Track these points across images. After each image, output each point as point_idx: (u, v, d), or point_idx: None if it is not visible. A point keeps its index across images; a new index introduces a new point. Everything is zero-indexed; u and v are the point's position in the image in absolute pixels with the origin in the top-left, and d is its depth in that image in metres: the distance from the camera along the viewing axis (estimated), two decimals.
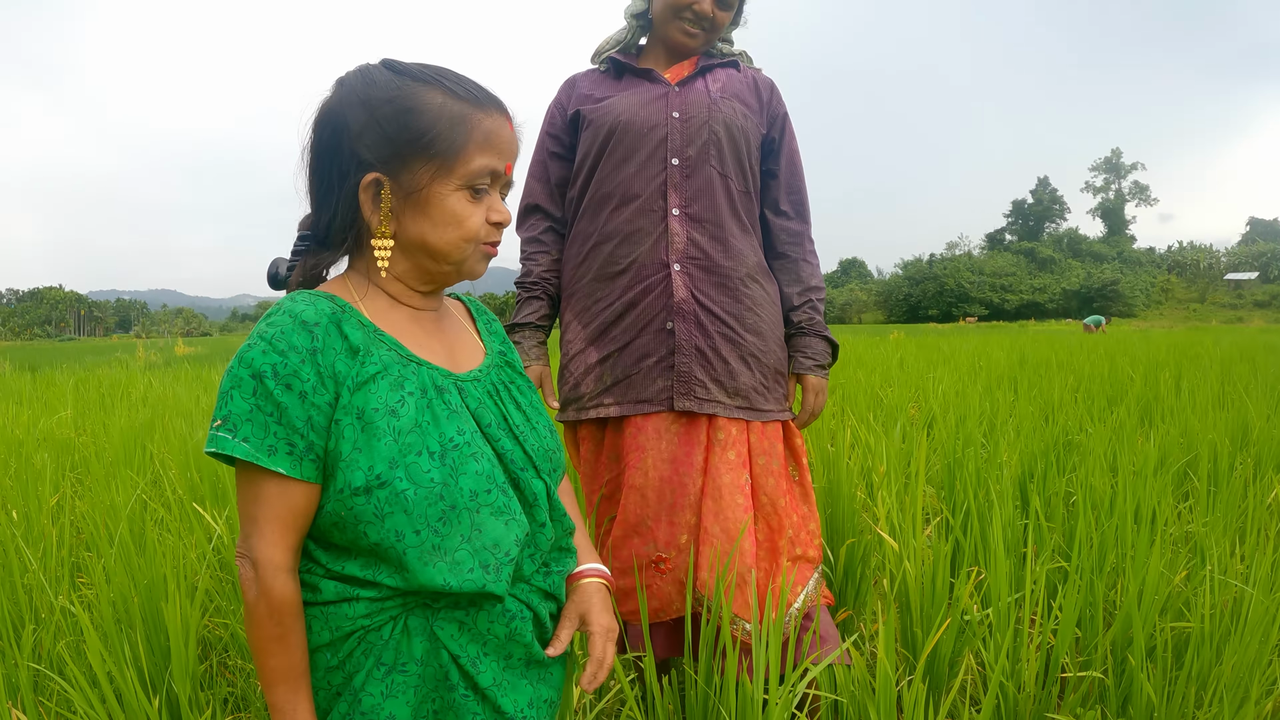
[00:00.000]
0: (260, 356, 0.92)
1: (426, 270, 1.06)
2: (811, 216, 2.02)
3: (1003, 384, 6.61)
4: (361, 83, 1.01)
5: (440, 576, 0.96)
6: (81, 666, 1.61)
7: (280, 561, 0.94)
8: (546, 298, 1.97)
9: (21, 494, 2.84)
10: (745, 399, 1.79)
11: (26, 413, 5.49)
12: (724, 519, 1.72)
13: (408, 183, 1.00)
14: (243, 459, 0.91)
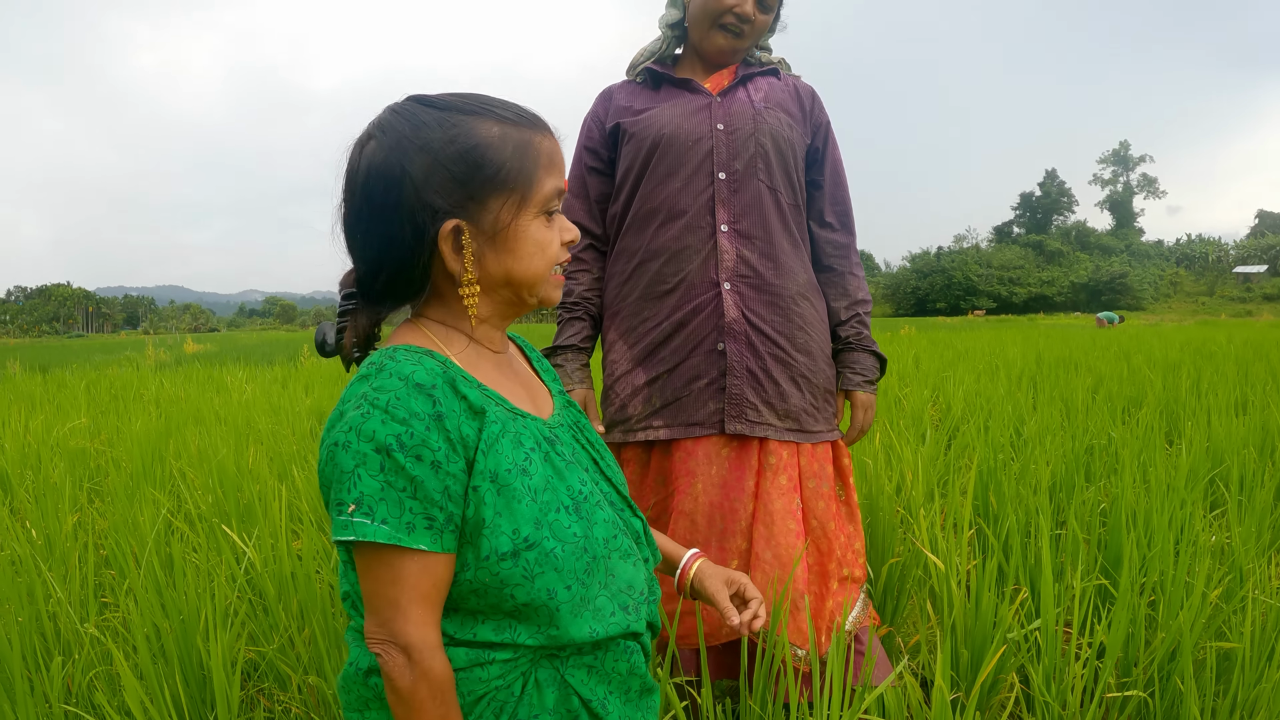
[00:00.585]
0: (381, 427, 0.86)
1: (510, 305, 1.03)
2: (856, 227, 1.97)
3: (1022, 384, 6.56)
4: (410, 126, 0.95)
5: (587, 626, 0.96)
6: (115, 702, 1.57)
7: (434, 640, 0.90)
8: (589, 318, 1.91)
9: (40, 512, 2.80)
10: (795, 420, 1.75)
11: (40, 417, 5.45)
12: (776, 545, 1.68)
13: (488, 222, 0.96)
14: (385, 543, 0.86)
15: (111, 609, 2.27)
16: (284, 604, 2.00)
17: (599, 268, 1.93)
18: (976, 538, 2.69)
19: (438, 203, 0.93)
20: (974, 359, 9.29)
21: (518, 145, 0.96)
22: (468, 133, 0.94)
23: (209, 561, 2.38)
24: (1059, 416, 4.77)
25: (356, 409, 0.88)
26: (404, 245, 0.94)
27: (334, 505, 0.88)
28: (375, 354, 0.94)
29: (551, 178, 0.99)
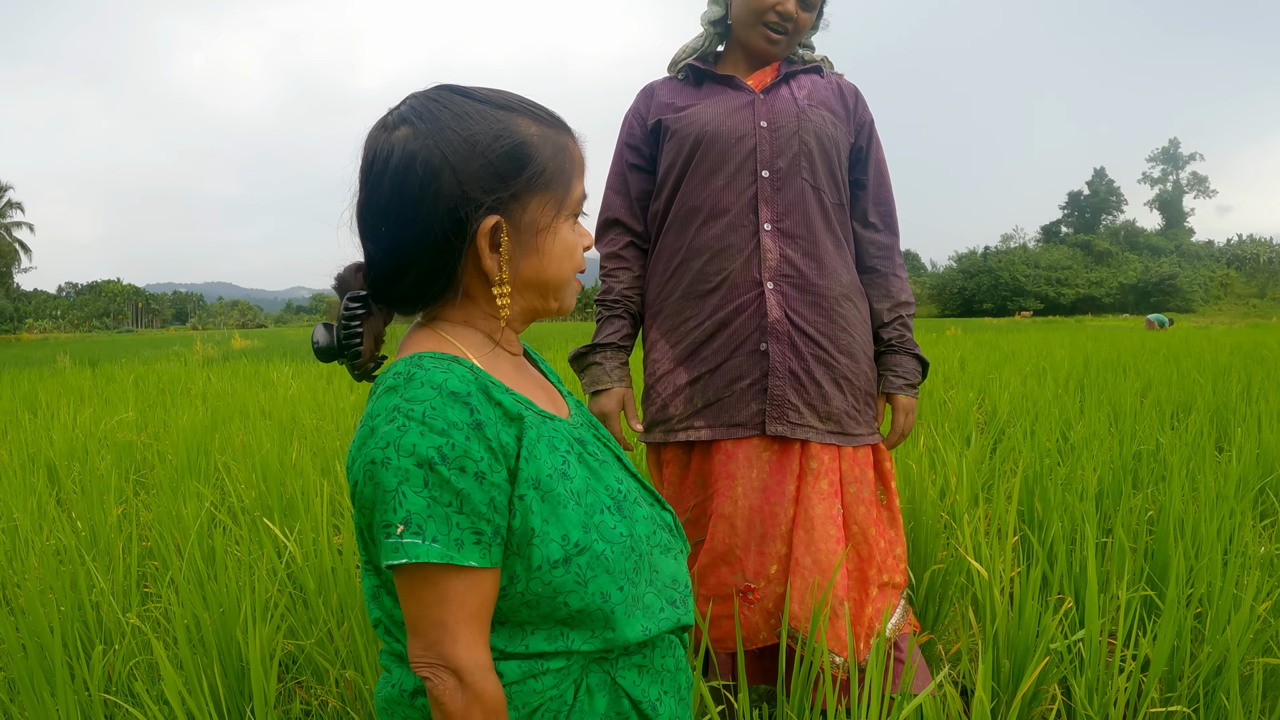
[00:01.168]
0: (420, 440, 0.82)
1: (534, 310, 1.00)
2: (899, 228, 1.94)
3: (1069, 386, 6.45)
4: (452, 116, 0.90)
5: (639, 625, 0.95)
6: (154, 692, 1.59)
7: (485, 661, 0.86)
8: (629, 316, 1.89)
9: (86, 503, 2.85)
10: (837, 423, 1.72)
11: (88, 411, 5.57)
12: (816, 550, 1.66)
13: (525, 222, 0.92)
14: (436, 562, 0.82)
15: (154, 599, 2.31)
16: (324, 598, 2.01)
17: (640, 266, 1.91)
18: (1021, 545, 2.64)
19: (482, 197, 0.89)
20: (1020, 361, 9.15)
21: (556, 147, 0.94)
22: (512, 129, 0.91)
23: (250, 555, 2.42)
24: (1106, 421, 4.68)
25: (390, 423, 0.84)
26: (439, 239, 0.89)
27: (380, 528, 0.84)
28: (399, 363, 0.90)
29: (581, 182, 0.98)
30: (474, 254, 0.91)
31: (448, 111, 0.90)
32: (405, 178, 0.88)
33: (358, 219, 0.94)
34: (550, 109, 0.97)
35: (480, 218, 0.89)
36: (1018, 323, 42.98)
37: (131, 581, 2.27)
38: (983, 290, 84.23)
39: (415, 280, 0.92)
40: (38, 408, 6.36)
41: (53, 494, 3.36)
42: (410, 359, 0.89)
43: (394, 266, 0.92)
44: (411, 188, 0.88)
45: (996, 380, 6.64)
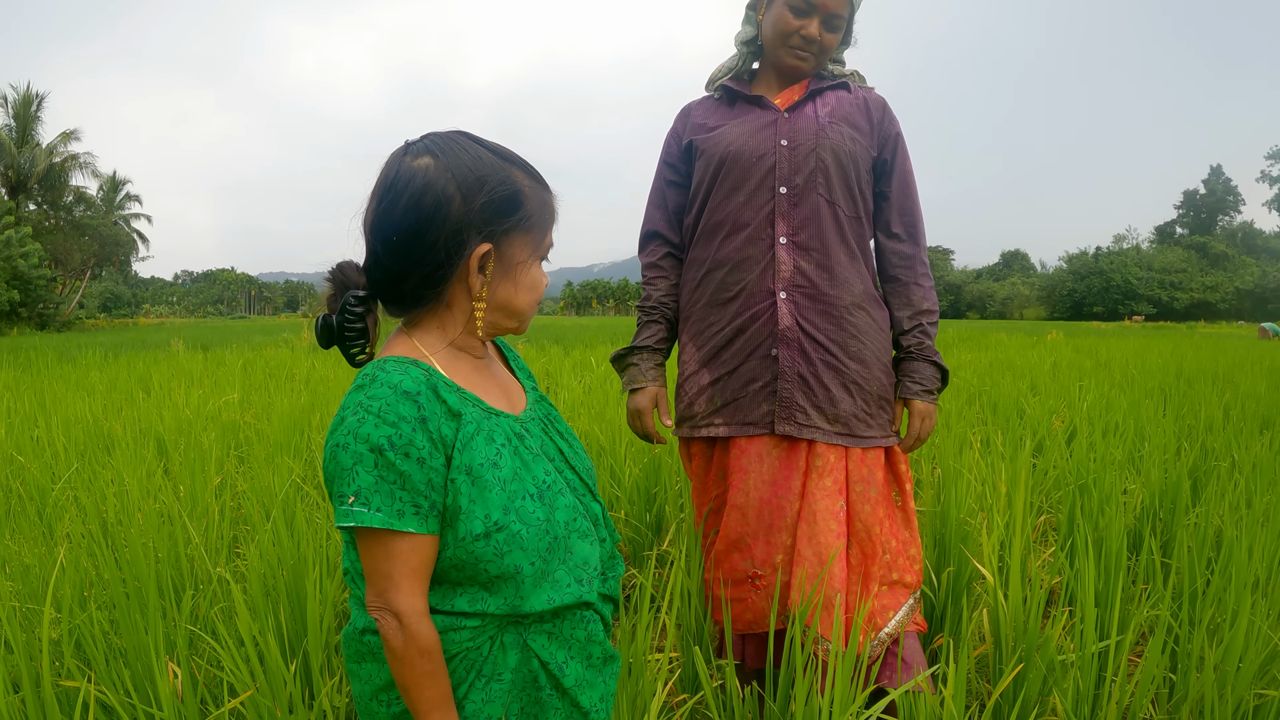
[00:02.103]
0: (374, 430, 1.03)
1: (500, 326, 1.21)
2: (925, 237, 2.01)
3: (1153, 396, 6.29)
4: (470, 157, 1.11)
5: (545, 595, 1.13)
6: (231, 630, 1.83)
7: (421, 608, 1.07)
8: (665, 321, 2.05)
9: (189, 472, 3.16)
10: (845, 425, 1.83)
11: (198, 393, 6.00)
12: (816, 543, 1.78)
13: (508, 254, 1.14)
14: (379, 527, 1.04)
15: (240, 558, 2.57)
16: None
17: (676, 274, 2.06)
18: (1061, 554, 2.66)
19: (480, 226, 1.10)
20: (1114, 369, 8.91)
21: (541, 200, 1.17)
22: (512, 178, 1.14)
23: (328, 522, 2.66)
24: (1186, 433, 4.60)
25: (354, 415, 1.05)
26: (440, 255, 1.09)
27: (336, 497, 1.05)
28: (370, 365, 1.11)
29: (551, 232, 1.20)
30: (464, 272, 1.13)
31: (466, 153, 1.12)
32: (423, 198, 1.08)
33: (371, 226, 1.13)
34: (533, 167, 1.20)
35: (476, 243, 1.11)
36: (1126, 328, 41.20)
37: (224, 540, 2.55)
38: (1093, 293, 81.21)
39: (413, 286, 1.13)
40: (151, 388, 6.85)
41: (161, 465, 3.69)
42: (378, 362, 1.11)
43: (398, 271, 1.12)
44: (426, 207, 1.08)
45: (1084, 388, 6.50)
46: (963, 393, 6.23)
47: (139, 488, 3.00)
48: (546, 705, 1.18)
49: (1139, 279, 78.98)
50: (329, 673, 1.86)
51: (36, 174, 42.80)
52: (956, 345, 13.11)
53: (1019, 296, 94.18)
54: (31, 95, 44.58)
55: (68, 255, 43.79)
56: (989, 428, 4.78)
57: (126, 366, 9.29)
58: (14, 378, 8.26)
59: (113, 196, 51.13)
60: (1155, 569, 2.31)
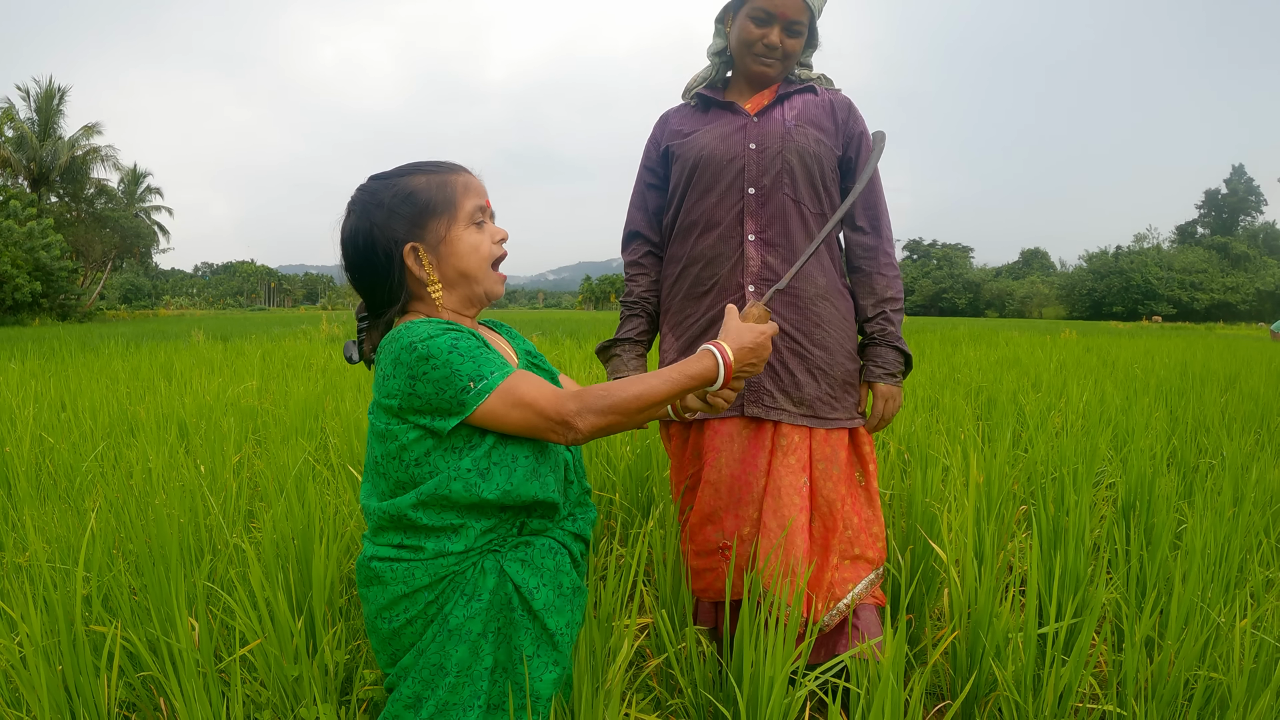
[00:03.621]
0: (438, 341, 1.32)
1: (467, 297, 1.49)
2: (891, 231, 2.13)
3: (1150, 393, 6.35)
4: (368, 195, 1.45)
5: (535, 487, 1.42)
6: (245, 589, 1.99)
7: (568, 397, 1.33)
8: (646, 315, 2.22)
9: (209, 452, 3.33)
10: (810, 408, 1.98)
11: (218, 381, 6.19)
12: (780, 516, 1.92)
13: (433, 238, 1.44)
14: (503, 381, 1.32)
15: (256, 529, 2.74)
16: None
17: (656, 271, 2.22)
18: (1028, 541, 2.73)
19: (397, 235, 1.42)
20: (1119, 368, 8.93)
21: (439, 184, 1.45)
22: (405, 185, 1.44)
23: (338, 497, 2.83)
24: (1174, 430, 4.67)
25: (410, 350, 1.32)
26: (383, 270, 1.44)
27: (458, 395, 1.30)
28: (391, 331, 1.39)
29: (470, 199, 1.46)
30: (408, 271, 1.44)
31: (367, 193, 1.46)
32: (355, 243, 1.46)
33: (347, 275, 1.50)
34: (442, 161, 1.49)
35: (400, 248, 1.42)
36: (1144, 328, 40.82)
37: (240, 512, 2.72)
38: (1113, 292, 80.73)
39: (383, 297, 1.48)
40: (173, 376, 7.05)
41: (183, 445, 3.88)
42: (401, 324, 1.38)
43: (369, 294, 1.50)
44: (360, 248, 1.45)
45: (1085, 386, 6.54)
46: (963, 387, 6.33)
47: (162, 465, 3.18)
48: (518, 624, 1.41)
49: (1159, 279, 78.47)
50: (330, 625, 2.02)
51: (59, 167, 43.32)
52: (966, 343, 13.09)
53: (1038, 295, 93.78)
54: (54, 89, 45.10)
55: (89, 247, 44.30)
56: (981, 421, 4.89)
57: (149, 356, 9.52)
58: (39, 366, 8.48)
59: (134, 189, 51.65)
60: (1120, 556, 2.41)
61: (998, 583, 2.02)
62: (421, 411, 1.34)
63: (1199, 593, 2.08)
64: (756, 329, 1.52)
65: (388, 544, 1.40)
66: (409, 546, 1.38)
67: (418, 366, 1.31)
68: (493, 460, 1.37)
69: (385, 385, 1.35)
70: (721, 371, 1.43)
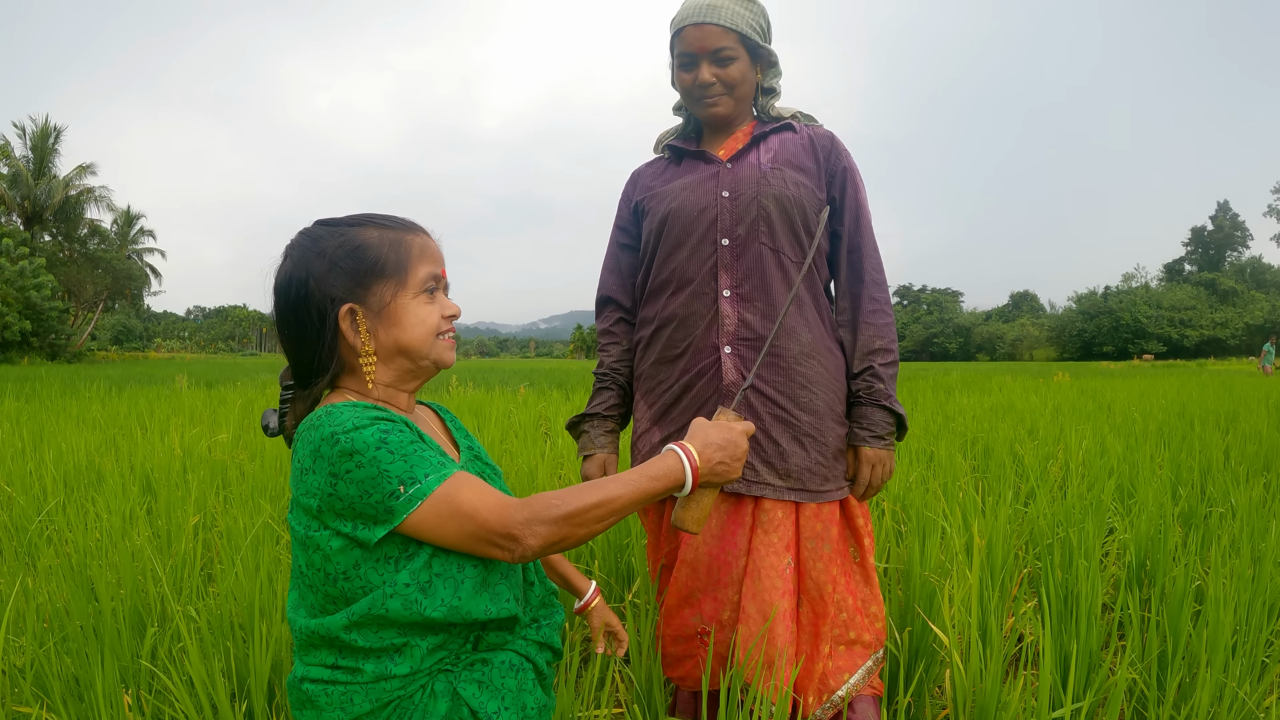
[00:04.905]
0: (366, 433, 1.11)
1: (407, 370, 1.27)
2: (881, 273, 1.92)
3: (1150, 438, 6.19)
4: (310, 240, 1.24)
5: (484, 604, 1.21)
6: (183, 672, 1.82)
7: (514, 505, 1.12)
8: (616, 388, 2.02)
9: (171, 510, 3.15)
10: (798, 480, 1.77)
11: (194, 431, 6.00)
12: (761, 601, 1.73)
13: (375, 303, 1.22)
14: (439, 486, 1.11)
15: (211, 596, 2.57)
16: None
17: (628, 340, 2.04)
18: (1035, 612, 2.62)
19: (335, 292, 1.21)
20: (1115, 411, 8.75)
21: (393, 242, 1.24)
22: (354, 238, 1.23)
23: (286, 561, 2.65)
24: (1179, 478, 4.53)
25: (333, 444, 1.11)
26: (314, 330, 1.22)
27: (385, 500, 1.10)
28: (313, 413, 1.18)
29: (424, 265, 1.26)
30: (343, 336, 1.22)
31: (309, 239, 1.25)
32: (286, 293, 1.24)
33: (277, 330, 1.27)
34: (400, 217, 1.29)
35: (336, 308, 1.20)
36: (1136, 367, 40.92)
37: (193, 579, 2.54)
38: (1103, 332, 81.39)
39: (310, 363, 1.24)
40: (150, 423, 6.87)
41: (146, 502, 3.70)
42: (324, 406, 1.18)
43: (295, 356, 1.26)
44: (291, 299, 1.23)
45: (1082, 432, 6.39)
46: (959, 437, 6.16)
47: (120, 523, 3.01)
48: None
49: (1148, 317, 79.01)
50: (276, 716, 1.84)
51: (52, 206, 43.41)
52: (959, 389, 12.91)
53: (1028, 338, 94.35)
54: (50, 128, 45.35)
55: (81, 287, 44.23)
56: (978, 474, 4.73)
57: (129, 401, 9.35)
58: (16, 408, 8.31)
59: (127, 230, 51.78)
60: (1132, 625, 2.24)
61: (1004, 662, 1.86)
62: (343, 516, 1.13)
63: (1223, 666, 1.91)
64: (726, 425, 1.34)
65: (320, 664, 1.19)
66: (345, 668, 1.17)
67: (340, 463, 1.10)
68: (434, 572, 1.16)
69: (304, 481, 1.15)
70: (688, 472, 1.25)
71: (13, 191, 42.31)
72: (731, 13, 1.78)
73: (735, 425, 1.35)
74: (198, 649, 1.70)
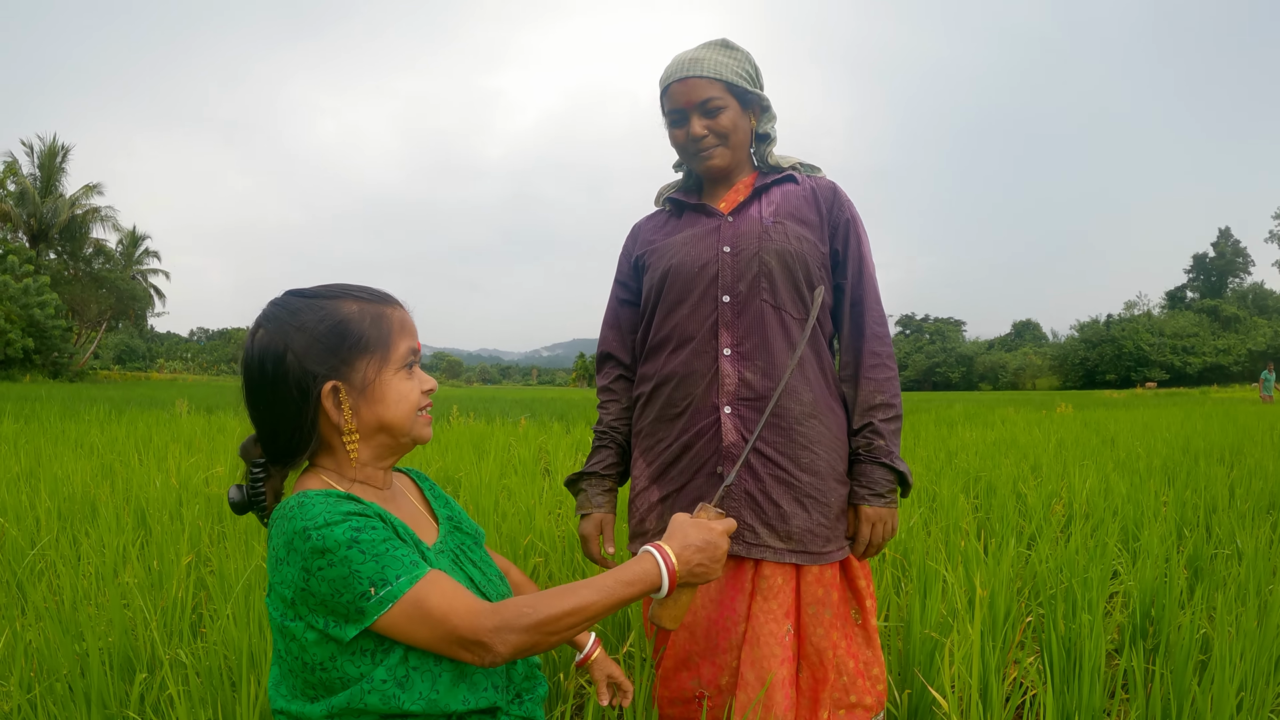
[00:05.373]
0: (338, 531, 1.07)
1: (386, 447, 1.25)
2: (884, 326, 1.88)
3: (1155, 475, 6.14)
4: (288, 313, 1.20)
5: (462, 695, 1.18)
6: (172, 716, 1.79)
7: (481, 607, 1.11)
8: (615, 446, 1.99)
9: (164, 548, 3.12)
10: (799, 542, 1.73)
11: (190, 460, 5.95)
12: (759, 667, 1.69)
13: (357, 380, 1.19)
14: (411, 588, 1.08)
15: (203, 639, 2.53)
16: None
17: (627, 398, 2.01)
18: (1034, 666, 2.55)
19: (317, 369, 1.17)
20: (1120, 445, 8.66)
21: (374, 317, 1.22)
22: (334, 312, 1.20)
23: None
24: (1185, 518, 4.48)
25: (305, 539, 1.08)
26: (293, 406, 1.18)
27: (357, 600, 1.07)
28: (290, 499, 1.14)
29: (404, 340, 1.24)
30: (324, 413, 1.18)
31: (285, 310, 1.21)
32: (262, 366, 1.19)
33: (244, 400, 1.23)
34: (375, 289, 1.26)
35: (319, 385, 1.16)
36: (1139, 396, 40.80)
37: (184, 622, 2.50)
38: (1105, 361, 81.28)
39: (286, 440, 1.19)
40: (149, 450, 6.84)
41: (140, 537, 3.67)
42: (297, 495, 1.14)
43: (269, 432, 1.21)
44: (267, 373, 1.18)
45: (1086, 469, 6.32)
46: (962, 475, 6.11)
47: (112, 561, 2.98)
48: None
49: (1151, 345, 78.91)
50: None
51: (58, 224, 43.60)
52: (962, 423, 12.83)
53: (1031, 367, 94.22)
54: (57, 146, 45.69)
55: (84, 306, 44.35)
56: (980, 514, 4.68)
57: (128, 426, 9.34)
58: (15, 430, 8.30)
59: (132, 251, 51.96)
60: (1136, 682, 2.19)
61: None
62: (316, 611, 1.10)
63: None
64: (705, 525, 1.32)
65: None
66: None
67: (311, 559, 1.08)
68: (411, 665, 1.14)
69: (279, 571, 1.13)
70: (665, 576, 1.22)
71: (19, 209, 42.54)
72: (715, 63, 1.78)
73: (716, 525, 1.33)
74: (184, 701, 1.67)
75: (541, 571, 3.26)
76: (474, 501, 4.17)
